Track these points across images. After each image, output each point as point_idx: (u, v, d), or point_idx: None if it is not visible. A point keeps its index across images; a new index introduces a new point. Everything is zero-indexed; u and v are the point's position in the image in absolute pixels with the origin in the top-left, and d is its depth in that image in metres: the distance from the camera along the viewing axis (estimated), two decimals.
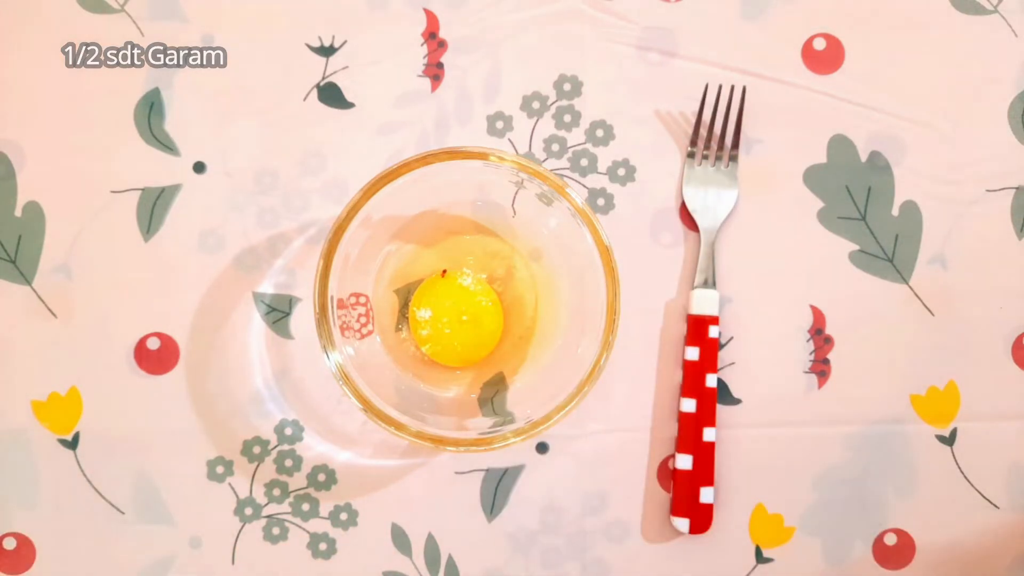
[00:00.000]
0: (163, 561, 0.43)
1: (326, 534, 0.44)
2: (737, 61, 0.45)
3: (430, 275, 0.43)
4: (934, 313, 0.44)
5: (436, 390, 0.43)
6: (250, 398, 0.44)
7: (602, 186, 0.45)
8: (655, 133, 0.45)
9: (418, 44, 0.45)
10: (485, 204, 0.43)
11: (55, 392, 0.44)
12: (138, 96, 0.45)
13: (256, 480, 0.44)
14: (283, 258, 0.44)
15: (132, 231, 0.44)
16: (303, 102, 0.45)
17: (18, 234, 0.44)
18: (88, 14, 0.45)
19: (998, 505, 0.44)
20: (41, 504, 0.43)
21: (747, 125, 0.45)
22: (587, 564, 0.44)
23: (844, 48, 0.45)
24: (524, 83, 0.45)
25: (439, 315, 0.42)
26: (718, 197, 0.44)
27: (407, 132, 0.45)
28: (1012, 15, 0.45)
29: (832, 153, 0.45)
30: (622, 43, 0.45)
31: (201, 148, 0.45)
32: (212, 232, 0.44)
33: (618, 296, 0.38)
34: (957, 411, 0.44)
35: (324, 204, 0.45)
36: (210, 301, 0.44)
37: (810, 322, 0.44)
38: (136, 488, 0.44)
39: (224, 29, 0.45)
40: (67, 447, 0.44)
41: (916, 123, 0.45)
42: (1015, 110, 0.45)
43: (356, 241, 0.39)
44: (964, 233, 0.45)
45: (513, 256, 0.44)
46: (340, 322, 0.39)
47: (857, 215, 0.45)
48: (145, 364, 0.44)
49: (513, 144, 0.45)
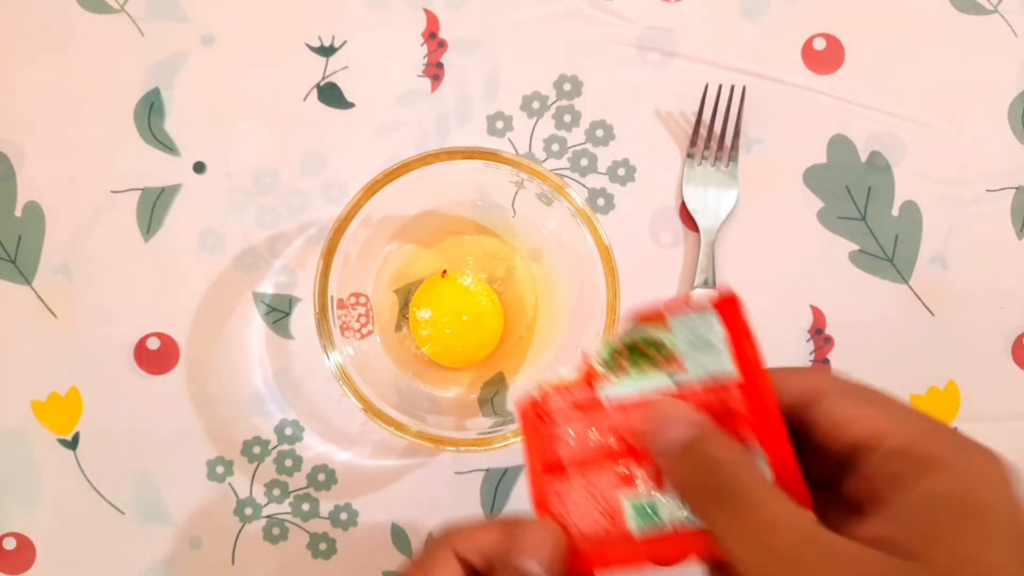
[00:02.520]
0: (163, 561, 0.43)
1: (326, 534, 0.44)
2: (737, 61, 0.45)
3: (430, 275, 0.43)
4: (934, 313, 0.44)
5: (436, 390, 0.43)
6: (250, 398, 0.44)
7: (602, 186, 0.45)
8: (655, 133, 0.45)
9: (418, 44, 0.45)
10: (485, 204, 0.43)
11: (55, 392, 0.44)
12: (138, 96, 0.45)
13: (256, 480, 0.44)
14: (283, 258, 0.44)
15: (132, 231, 0.44)
16: (303, 102, 0.45)
17: (18, 234, 0.44)
18: (88, 14, 0.45)
19: None
20: (41, 504, 0.43)
21: (747, 125, 0.45)
22: None
23: (844, 48, 0.45)
24: (524, 83, 0.45)
25: (439, 315, 0.42)
26: (718, 197, 0.44)
27: (407, 132, 0.45)
28: (1012, 15, 0.45)
29: (832, 153, 0.45)
30: (622, 43, 0.45)
31: (201, 148, 0.45)
32: (212, 232, 0.44)
33: (618, 296, 0.38)
34: (957, 411, 0.44)
35: (324, 204, 0.45)
36: (210, 301, 0.44)
37: (810, 322, 0.44)
38: (136, 488, 0.43)
39: (224, 29, 0.45)
40: (67, 447, 0.44)
41: (916, 123, 0.45)
42: (1015, 110, 0.45)
43: (356, 241, 0.39)
44: (964, 233, 0.45)
45: (513, 256, 0.44)
46: (340, 322, 0.39)
47: (857, 215, 0.45)
48: (145, 364, 0.44)
49: (513, 144, 0.45)
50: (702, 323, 0.24)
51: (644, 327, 0.25)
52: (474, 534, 0.25)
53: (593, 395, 0.26)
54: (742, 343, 0.24)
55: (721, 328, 0.24)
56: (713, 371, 0.24)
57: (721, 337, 0.24)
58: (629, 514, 0.24)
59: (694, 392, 0.24)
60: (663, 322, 0.25)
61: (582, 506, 0.25)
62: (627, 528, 0.24)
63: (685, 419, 0.23)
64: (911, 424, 0.22)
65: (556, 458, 0.26)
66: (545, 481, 0.26)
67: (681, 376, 0.25)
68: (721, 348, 0.24)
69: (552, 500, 0.25)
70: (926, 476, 0.20)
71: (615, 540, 0.24)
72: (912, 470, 0.21)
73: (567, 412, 0.26)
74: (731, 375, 0.24)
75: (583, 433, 0.26)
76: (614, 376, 0.25)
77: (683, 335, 0.25)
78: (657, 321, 0.25)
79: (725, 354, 0.24)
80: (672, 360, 0.25)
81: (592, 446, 0.25)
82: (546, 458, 0.26)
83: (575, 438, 0.26)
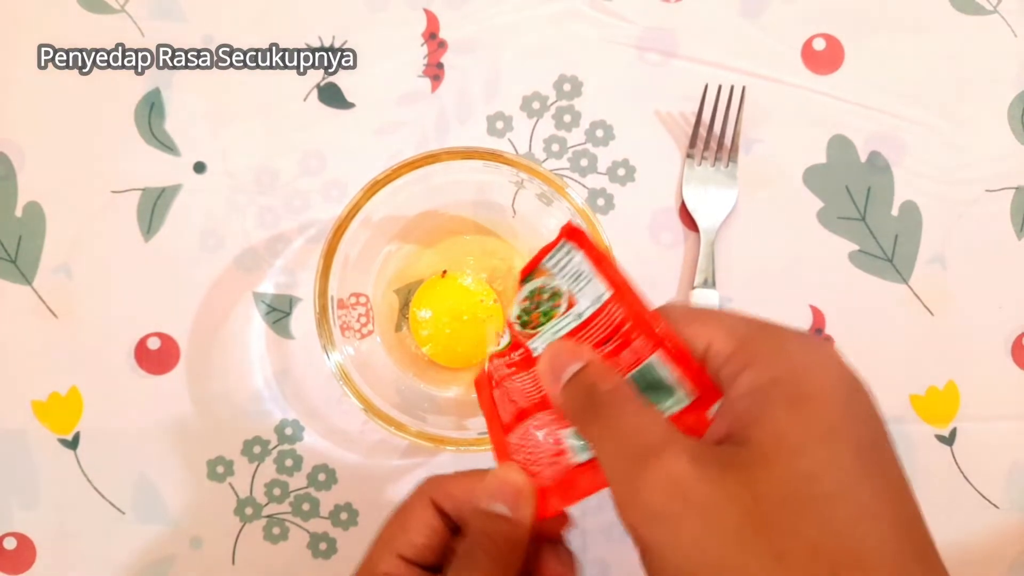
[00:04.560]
0: (163, 561, 0.43)
1: (326, 534, 0.44)
2: (737, 61, 0.45)
3: (430, 275, 0.43)
4: (934, 313, 0.44)
5: (436, 390, 0.43)
6: (250, 398, 0.44)
7: (602, 186, 0.45)
8: (655, 133, 0.45)
9: (418, 44, 0.45)
10: (485, 204, 0.43)
11: (55, 392, 0.44)
12: (138, 96, 0.45)
13: (256, 480, 0.44)
14: (283, 258, 0.44)
15: (132, 231, 0.44)
16: (303, 102, 0.45)
17: (18, 234, 0.44)
18: (88, 14, 0.45)
19: (998, 505, 0.44)
20: (41, 504, 0.43)
21: (747, 125, 0.45)
22: (587, 564, 0.44)
23: (844, 48, 0.45)
24: (524, 83, 0.45)
25: (439, 315, 0.42)
26: (718, 197, 0.44)
27: (407, 132, 0.45)
28: (1012, 15, 0.45)
29: (832, 153, 0.45)
30: (622, 43, 0.45)
31: (201, 148, 0.45)
32: (212, 232, 0.44)
33: None
34: (957, 411, 0.44)
35: (324, 204, 0.45)
36: (210, 301, 0.44)
37: (810, 322, 0.44)
38: (136, 488, 0.44)
39: (224, 29, 0.45)
40: (67, 447, 0.44)
41: (916, 123, 0.45)
42: (1015, 110, 0.45)
43: (356, 241, 0.39)
44: (964, 233, 0.45)
45: (513, 256, 0.44)
46: (340, 322, 0.39)
47: (857, 215, 0.45)
48: (145, 364, 0.44)
49: (513, 144, 0.45)
50: (566, 258, 0.27)
51: (533, 280, 0.28)
52: (447, 483, 0.27)
53: (526, 352, 0.27)
54: (601, 263, 0.26)
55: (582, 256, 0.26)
56: (595, 296, 0.26)
57: (586, 264, 0.27)
58: (569, 445, 0.26)
59: (591, 320, 0.26)
60: (543, 271, 0.27)
61: (536, 452, 0.27)
62: (570, 460, 0.26)
63: (570, 355, 0.25)
64: (736, 329, 0.23)
65: (509, 415, 0.27)
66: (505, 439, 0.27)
67: (578, 310, 0.27)
68: (590, 275, 0.26)
69: (513, 452, 0.27)
70: (748, 370, 0.22)
71: (564, 475, 0.26)
72: (737, 368, 0.22)
73: (510, 373, 0.28)
74: (605, 293, 0.26)
75: (525, 386, 0.27)
76: (534, 330, 0.27)
77: (562, 275, 0.27)
78: (537, 272, 0.28)
79: (595, 278, 0.26)
80: (568, 301, 0.27)
81: (533, 395, 0.27)
82: (503, 417, 0.28)
83: (520, 392, 0.27)
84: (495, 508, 0.26)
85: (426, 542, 0.27)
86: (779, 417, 0.21)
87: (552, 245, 0.27)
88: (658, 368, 0.25)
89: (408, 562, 0.27)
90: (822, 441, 0.20)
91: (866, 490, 0.20)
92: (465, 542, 0.26)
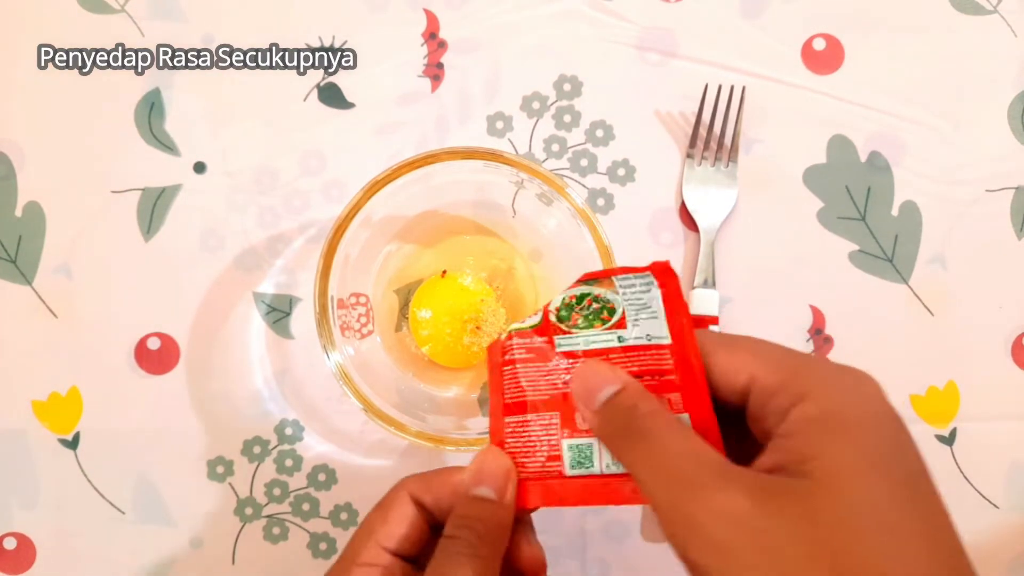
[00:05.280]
0: (163, 561, 0.43)
1: (326, 534, 0.44)
2: (737, 61, 0.45)
3: (430, 275, 0.43)
4: (934, 313, 0.44)
5: (436, 390, 0.43)
6: (250, 398, 0.44)
7: (602, 186, 0.45)
8: (655, 133, 0.45)
9: (418, 44, 0.45)
10: (485, 204, 0.43)
11: (55, 392, 0.44)
12: (138, 96, 0.45)
13: (256, 480, 0.44)
14: (283, 258, 0.44)
15: (132, 231, 0.44)
16: (303, 102, 0.45)
17: (18, 234, 0.44)
18: (88, 14, 0.45)
19: (998, 505, 0.44)
20: (41, 504, 0.43)
21: (747, 125, 0.45)
22: (587, 563, 0.44)
23: (844, 48, 0.45)
24: (524, 83, 0.45)
25: (439, 315, 0.42)
26: (718, 197, 0.44)
27: (407, 132, 0.45)
28: (1012, 15, 0.45)
29: (832, 153, 0.45)
30: (622, 43, 0.45)
31: (201, 148, 0.45)
32: (212, 232, 0.44)
33: None
34: (957, 411, 0.44)
35: (324, 204, 0.45)
36: (210, 301, 0.44)
37: (810, 322, 0.44)
38: (136, 488, 0.44)
39: (224, 29, 0.45)
40: (67, 447, 0.44)
41: (916, 123, 0.45)
42: (1015, 110, 0.45)
43: (356, 241, 0.39)
44: (964, 233, 0.45)
45: (513, 256, 0.44)
46: (340, 322, 0.39)
47: (857, 215, 0.45)
48: (145, 364, 0.44)
49: (513, 144, 0.45)
50: (643, 287, 0.27)
51: (594, 285, 0.28)
52: (426, 477, 0.28)
53: (550, 343, 0.27)
54: (675, 311, 0.26)
55: (659, 294, 0.27)
56: (650, 333, 0.26)
57: (658, 303, 0.27)
58: (567, 455, 0.26)
59: (634, 349, 0.26)
60: (611, 283, 0.27)
61: (530, 444, 0.27)
62: (563, 469, 0.26)
63: (608, 374, 0.25)
64: (779, 361, 0.24)
65: (514, 398, 0.28)
66: (503, 419, 0.28)
67: (623, 334, 0.27)
68: (658, 313, 0.26)
69: (507, 437, 0.27)
70: (798, 405, 0.22)
71: (553, 479, 0.26)
72: (785, 402, 0.23)
73: (526, 357, 0.28)
74: (664, 338, 0.26)
75: (537, 377, 0.27)
76: (568, 328, 0.27)
77: (627, 296, 0.27)
78: (604, 282, 0.28)
79: (661, 319, 0.26)
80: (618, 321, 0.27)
81: (543, 390, 0.27)
82: (506, 398, 0.28)
83: (530, 381, 0.27)
84: (480, 492, 0.26)
85: (407, 532, 0.27)
86: (838, 451, 0.21)
87: (636, 270, 0.27)
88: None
89: (389, 552, 0.27)
90: (879, 473, 0.21)
91: (918, 520, 0.21)
92: (449, 526, 0.26)
